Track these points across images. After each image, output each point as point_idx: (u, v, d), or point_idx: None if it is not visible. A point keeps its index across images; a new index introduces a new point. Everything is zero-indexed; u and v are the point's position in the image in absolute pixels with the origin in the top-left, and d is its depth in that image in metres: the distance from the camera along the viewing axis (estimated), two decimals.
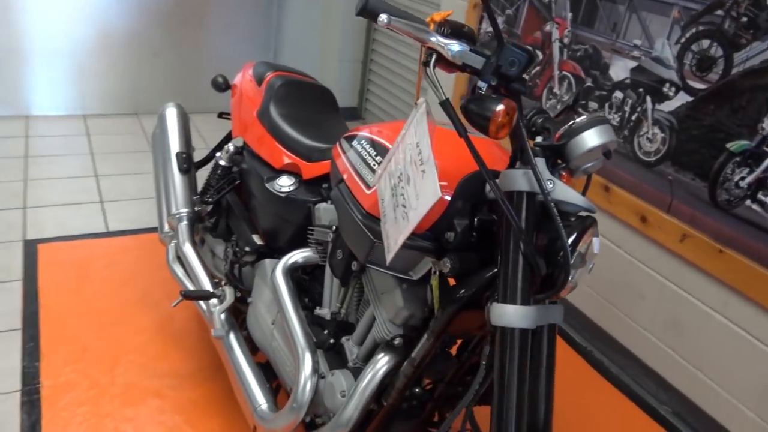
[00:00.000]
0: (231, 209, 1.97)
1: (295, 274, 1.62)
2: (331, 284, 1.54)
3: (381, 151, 1.30)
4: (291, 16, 4.55)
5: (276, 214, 1.71)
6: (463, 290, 1.16)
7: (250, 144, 1.88)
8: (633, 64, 2.15)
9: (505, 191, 1.05)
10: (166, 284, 2.46)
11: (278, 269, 1.60)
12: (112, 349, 2.11)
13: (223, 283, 1.84)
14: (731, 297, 1.90)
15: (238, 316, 1.83)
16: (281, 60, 4.65)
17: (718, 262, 1.91)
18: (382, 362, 1.31)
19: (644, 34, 2.11)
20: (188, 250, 1.90)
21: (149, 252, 2.69)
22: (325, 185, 1.65)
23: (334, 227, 1.48)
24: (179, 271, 1.93)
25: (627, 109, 2.19)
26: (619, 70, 2.21)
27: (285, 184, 1.70)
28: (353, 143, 1.42)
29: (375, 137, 1.36)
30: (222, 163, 1.97)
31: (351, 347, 1.46)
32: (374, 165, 1.28)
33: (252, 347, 1.75)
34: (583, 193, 1.13)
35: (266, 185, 1.72)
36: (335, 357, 1.48)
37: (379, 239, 1.20)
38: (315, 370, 1.42)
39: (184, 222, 1.95)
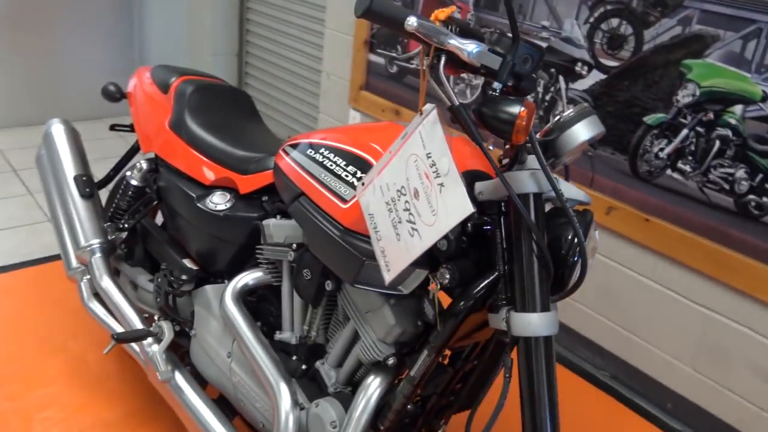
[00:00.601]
0: (149, 234, 1.77)
1: (246, 298, 1.48)
2: (291, 306, 1.42)
3: (351, 160, 1.19)
4: (154, 10, 4.21)
5: (213, 236, 1.54)
6: (463, 302, 1.09)
7: (166, 159, 1.69)
8: (542, 45, 2.18)
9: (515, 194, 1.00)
10: (69, 323, 2.18)
11: (228, 296, 1.45)
12: (22, 409, 1.83)
13: (156, 318, 1.65)
14: (659, 262, 2.00)
15: (176, 350, 1.65)
16: (148, 59, 4.30)
17: (646, 230, 2.00)
18: (374, 386, 1.22)
19: (552, 15, 2.14)
20: (108, 285, 1.68)
21: (39, 288, 2.37)
22: (265, 198, 1.52)
23: (294, 245, 1.35)
24: (99, 310, 1.70)
25: (540, 89, 2.23)
26: None
27: (220, 201, 1.54)
28: (308, 152, 1.30)
29: (337, 144, 1.25)
30: (134, 183, 1.75)
31: (327, 371, 1.35)
32: (347, 176, 1.18)
33: (200, 381, 1.58)
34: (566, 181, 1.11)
35: (198, 205, 1.55)
36: (310, 384, 1.37)
37: (370, 258, 1.10)
38: (295, 402, 1.30)
39: (98, 254, 1.72)
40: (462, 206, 0.85)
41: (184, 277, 1.57)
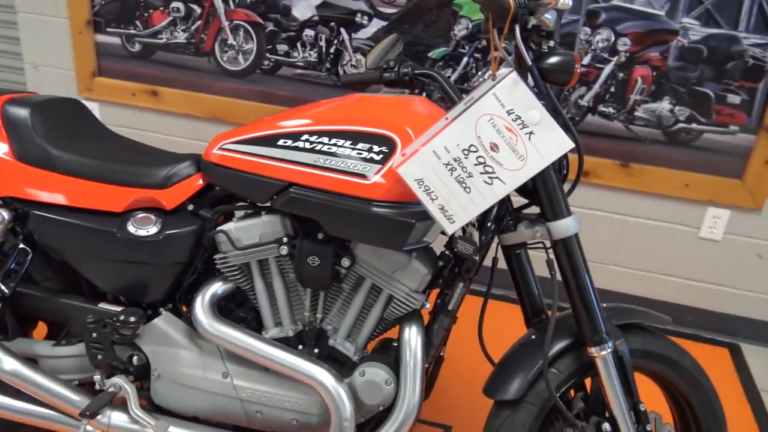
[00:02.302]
0: (23, 296, 1.45)
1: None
2: (270, 302, 1.40)
3: (360, 138, 1.23)
4: None
5: (145, 264, 1.38)
6: (485, 233, 1.30)
7: (33, 199, 1.39)
8: (318, 1, 2.31)
9: None
10: None
11: (204, 316, 1.36)
12: None
13: (100, 379, 1.40)
14: None
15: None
16: None
17: None
18: (414, 333, 1.35)
19: None
20: (15, 366, 1.34)
21: None
22: (191, 207, 1.41)
23: (284, 238, 1.33)
24: (15, 404, 1.36)
25: (323, 44, 2.37)
26: (304, 9, 2.34)
27: (147, 224, 1.37)
28: (281, 143, 1.27)
29: (329, 128, 1.26)
30: None
31: (342, 344, 1.40)
32: (361, 153, 1.22)
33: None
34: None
35: (120, 236, 1.35)
36: (331, 363, 1.40)
37: (421, 219, 1.21)
38: (339, 378, 1.34)
39: None
40: (560, 144, 1.05)
41: (132, 319, 1.37)
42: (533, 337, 1.38)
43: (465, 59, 2.26)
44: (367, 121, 1.25)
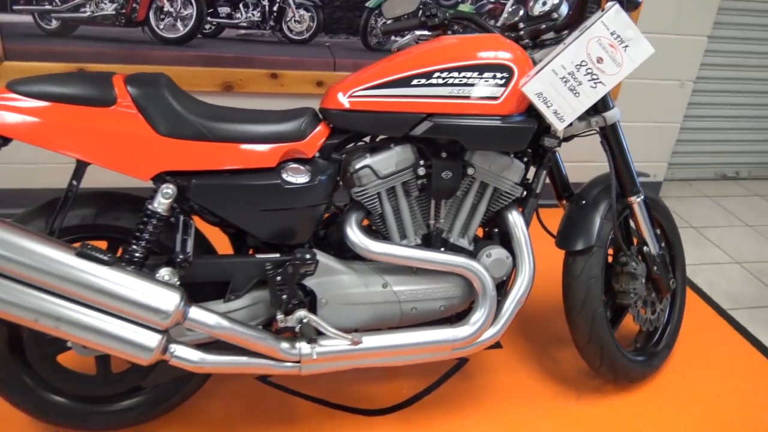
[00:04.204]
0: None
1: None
2: (398, 220, 1.69)
3: (483, 68, 1.56)
4: None
5: (302, 209, 1.56)
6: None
7: (190, 169, 1.46)
8: None
9: None
10: None
11: (361, 240, 1.61)
12: None
13: (282, 318, 1.55)
14: None
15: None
16: None
17: None
18: (517, 216, 1.76)
19: None
20: (222, 321, 1.45)
21: None
22: (318, 155, 1.62)
23: (422, 161, 1.63)
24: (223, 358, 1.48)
25: (266, 3, 2.50)
26: None
27: (300, 173, 1.55)
28: (415, 82, 1.54)
29: (446, 65, 1.55)
30: (162, 213, 1.45)
31: (459, 240, 1.76)
32: (488, 80, 1.56)
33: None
34: None
35: (287, 187, 1.52)
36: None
37: (538, 122, 1.62)
38: (483, 265, 1.70)
39: (188, 306, 1.42)
40: (645, 50, 1.53)
41: (308, 256, 1.55)
42: (583, 201, 1.90)
43: None
44: (483, 55, 1.59)
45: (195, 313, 1.44)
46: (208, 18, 2.48)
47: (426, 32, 1.88)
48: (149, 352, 1.40)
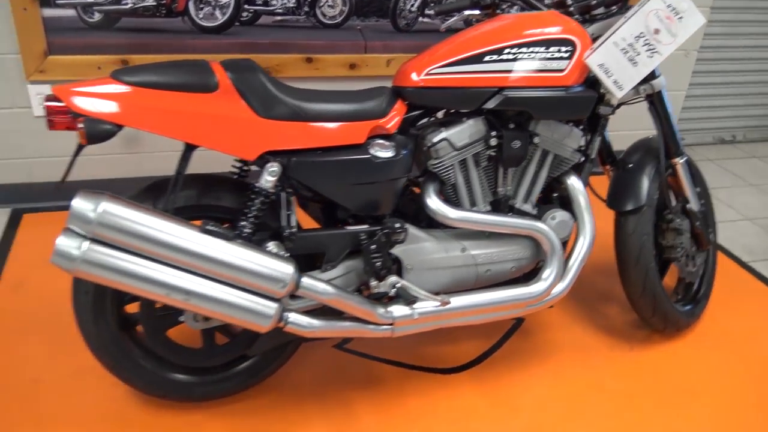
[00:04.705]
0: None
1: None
2: (469, 188, 1.81)
3: (549, 43, 1.67)
4: None
5: (388, 182, 1.66)
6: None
7: (289, 147, 1.55)
8: None
9: None
10: None
11: (442, 209, 1.72)
12: None
13: (376, 284, 1.67)
14: None
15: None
16: None
17: None
18: (576, 181, 1.89)
19: None
20: (328, 288, 1.56)
21: None
22: (395, 133, 1.71)
23: (493, 133, 1.74)
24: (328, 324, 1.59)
25: None
26: None
27: (386, 147, 1.65)
28: (487, 59, 1.65)
29: (515, 41, 1.67)
30: (269, 189, 1.54)
31: (523, 205, 1.89)
32: (554, 54, 1.68)
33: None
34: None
35: (378, 162, 1.62)
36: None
37: (598, 90, 1.74)
38: (549, 226, 1.83)
39: (301, 275, 1.54)
40: (697, 21, 1.67)
41: (398, 225, 1.66)
42: (630, 165, 2.04)
43: None
44: (547, 31, 1.71)
45: (306, 281, 1.54)
46: (245, 5, 2.54)
47: (475, 11, 1.98)
48: (268, 319, 1.50)
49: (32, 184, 2.67)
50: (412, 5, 2.74)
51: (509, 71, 1.68)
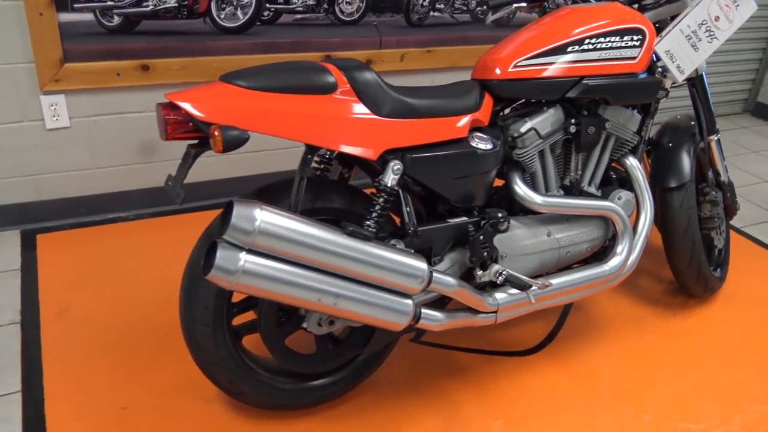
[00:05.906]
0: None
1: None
2: (545, 173, 1.89)
3: (622, 33, 1.77)
4: None
5: (486, 172, 1.71)
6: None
7: (404, 145, 1.56)
8: None
9: None
10: None
11: (535, 196, 1.79)
12: None
13: (481, 274, 1.71)
14: (436, 75, 2.96)
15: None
16: None
17: (429, 58, 2.88)
18: (635, 162, 2.01)
19: None
20: (453, 281, 1.59)
21: None
22: (483, 126, 1.77)
23: (573, 120, 1.83)
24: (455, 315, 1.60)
25: None
26: None
27: (485, 140, 1.70)
28: (570, 49, 1.73)
29: (597, 32, 1.75)
30: (393, 187, 1.55)
31: (587, 188, 1.99)
32: (627, 43, 1.78)
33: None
34: None
35: (481, 154, 1.66)
36: None
37: (663, 74, 1.87)
38: (617, 204, 1.94)
39: (433, 270, 1.56)
40: (752, 7, 1.82)
41: (501, 215, 1.71)
42: (670, 144, 2.19)
43: None
44: (619, 21, 1.81)
45: (436, 276, 1.56)
46: (267, 4, 2.49)
47: (523, 3, 2.06)
48: (406, 316, 1.51)
49: (42, 202, 2.50)
50: (425, 0, 2.78)
51: (590, 61, 1.76)
